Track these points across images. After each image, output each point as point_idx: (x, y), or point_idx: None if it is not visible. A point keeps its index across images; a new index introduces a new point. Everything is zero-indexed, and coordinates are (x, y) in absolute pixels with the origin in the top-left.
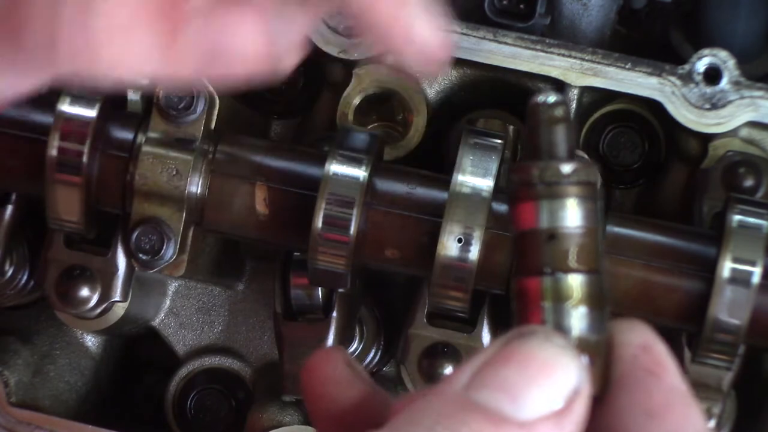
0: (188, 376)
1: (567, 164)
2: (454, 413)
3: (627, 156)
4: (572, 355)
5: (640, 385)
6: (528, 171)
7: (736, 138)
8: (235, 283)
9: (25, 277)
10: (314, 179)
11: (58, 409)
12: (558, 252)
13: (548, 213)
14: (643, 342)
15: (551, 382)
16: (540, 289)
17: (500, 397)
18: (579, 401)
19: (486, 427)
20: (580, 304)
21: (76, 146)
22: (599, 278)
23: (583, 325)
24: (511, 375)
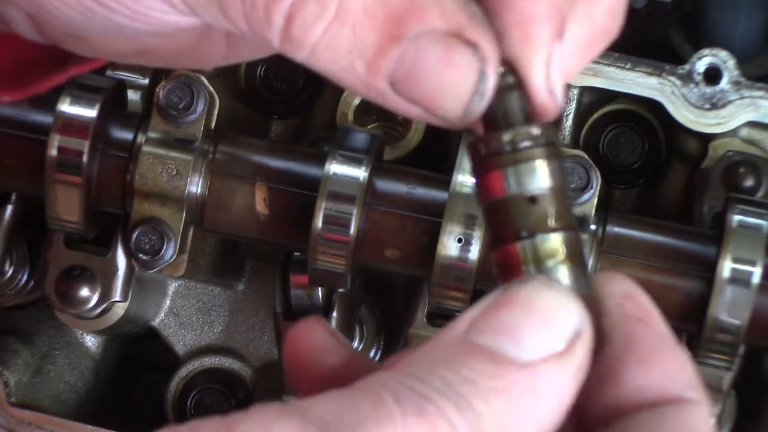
0: (188, 376)
1: (531, 128)
2: (456, 355)
3: (627, 156)
4: (572, 299)
5: (630, 333)
6: (496, 139)
7: (736, 138)
8: (235, 283)
9: (25, 277)
10: (314, 179)
11: (58, 409)
12: (537, 214)
13: (521, 178)
14: (626, 291)
15: (553, 323)
16: (523, 253)
17: (502, 339)
18: (581, 343)
19: (488, 368)
20: (563, 261)
21: (76, 146)
22: (577, 235)
23: (570, 280)
24: (512, 318)
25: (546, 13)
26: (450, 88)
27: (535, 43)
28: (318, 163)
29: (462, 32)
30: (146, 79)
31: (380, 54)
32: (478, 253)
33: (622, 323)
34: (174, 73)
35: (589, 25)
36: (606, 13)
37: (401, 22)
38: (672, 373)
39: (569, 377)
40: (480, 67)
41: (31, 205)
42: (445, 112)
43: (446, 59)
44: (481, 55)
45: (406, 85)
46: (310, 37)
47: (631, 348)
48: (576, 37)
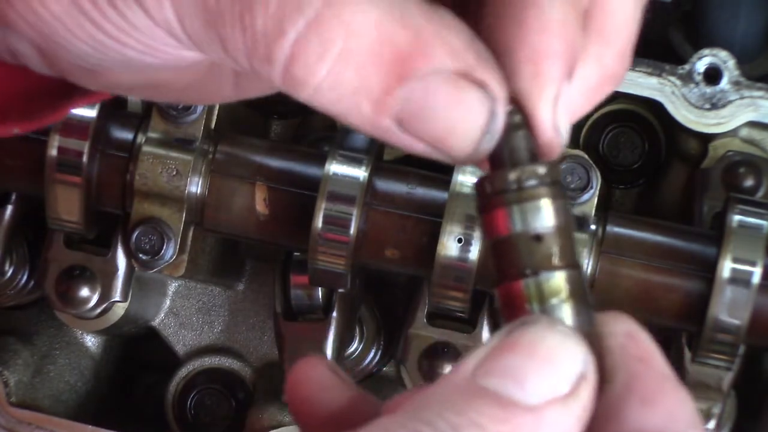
0: (188, 376)
1: (538, 166)
2: (462, 399)
3: (627, 156)
4: (576, 341)
5: (632, 373)
6: (502, 178)
7: (736, 138)
8: (235, 283)
9: (25, 277)
10: (314, 179)
11: (58, 409)
12: (541, 252)
13: (527, 216)
14: (627, 331)
15: (557, 367)
16: (527, 291)
17: (507, 382)
18: (585, 385)
19: (494, 411)
20: (567, 299)
21: (76, 146)
22: (580, 273)
23: (573, 319)
24: (517, 361)
25: (559, 51)
26: (459, 127)
27: (545, 80)
28: (318, 163)
29: (470, 72)
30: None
31: (387, 94)
32: (478, 253)
33: (625, 363)
34: None
35: (599, 68)
36: (616, 57)
37: (408, 61)
38: (674, 412)
39: (574, 419)
40: (490, 107)
41: (31, 205)
42: (454, 151)
43: (455, 99)
44: (490, 94)
45: (414, 124)
46: (313, 78)
47: (634, 388)
48: (585, 79)
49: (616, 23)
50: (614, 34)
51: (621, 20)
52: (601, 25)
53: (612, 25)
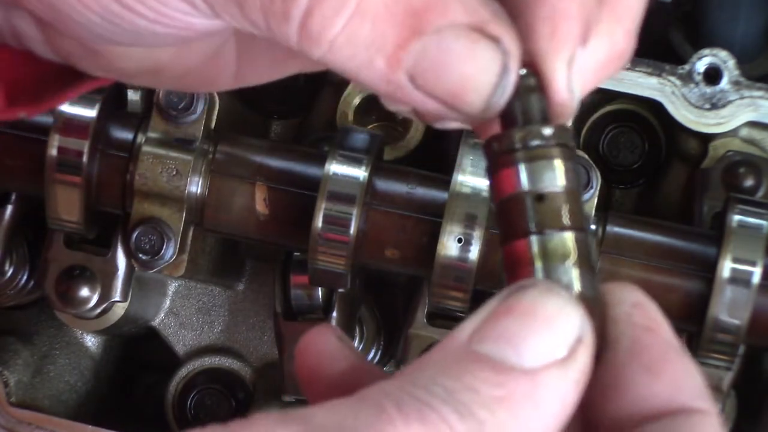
0: (188, 376)
1: (547, 127)
2: (458, 364)
3: (627, 156)
4: (574, 305)
5: (638, 342)
6: (510, 137)
7: (736, 138)
8: (235, 283)
9: (25, 277)
10: (314, 179)
11: (58, 409)
12: (549, 211)
13: (535, 175)
14: (635, 300)
15: (554, 330)
16: (531, 249)
17: (503, 347)
18: (582, 349)
19: (490, 376)
20: (573, 261)
21: (76, 146)
22: (587, 237)
23: (578, 282)
24: (514, 325)
25: (576, 14)
26: (472, 81)
27: (562, 40)
28: (318, 163)
29: (484, 26)
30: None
31: (401, 48)
32: (478, 253)
33: (630, 331)
34: None
35: (609, 43)
36: (626, 34)
37: (423, 16)
38: (680, 382)
39: (572, 383)
40: (503, 61)
41: (31, 205)
42: (466, 106)
43: (469, 53)
44: (503, 48)
45: (427, 79)
46: (329, 32)
47: (639, 356)
48: (596, 52)
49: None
50: (625, 11)
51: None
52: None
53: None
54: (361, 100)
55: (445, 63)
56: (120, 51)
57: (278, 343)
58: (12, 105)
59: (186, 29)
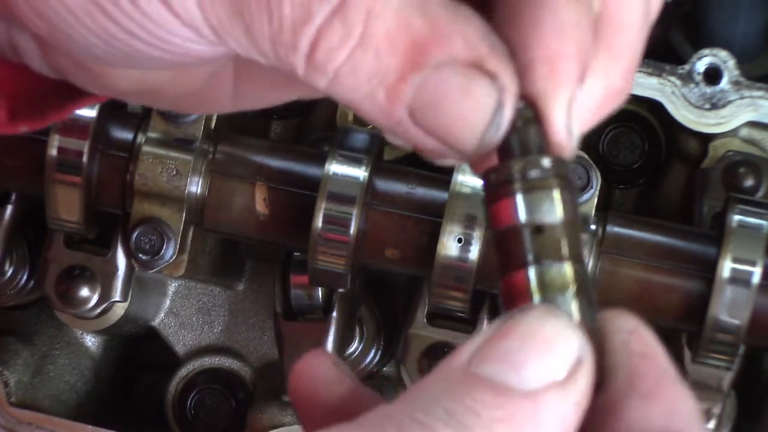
0: (188, 376)
1: (546, 158)
2: (458, 386)
3: (627, 156)
4: (573, 327)
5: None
6: (508, 168)
7: (736, 138)
8: (235, 283)
9: (25, 277)
10: (314, 179)
11: (58, 409)
12: (547, 243)
13: (533, 206)
14: (630, 328)
15: (554, 352)
16: (529, 281)
17: (503, 368)
18: (582, 372)
19: (490, 398)
20: (572, 292)
21: (76, 146)
22: (585, 269)
23: (577, 312)
24: (513, 347)
25: (573, 55)
26: (467, 118)
27: (561, 80)
28: (318, 163)
29: (482, 62)
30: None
31: (401, 80)
32: (478, 253)
33: (626, 358)
34: None
35: (605, 82)
36: (622, 74)
37: (424, 49)
38: (675, 408)
39: (571, 405)
40: (498, 98)
41: (31, 205)
42: (460, 143)
43: (464, 90)
44: (499, 85)
45: (425, 114)
46: (334, 62)
47: (635, 383)
48: (592, 92)
49: (625, 39)
50: (622, 50)
51: (630, 37)
52: (611, 39)
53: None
54: None
55: (442, 99)
56: (116, 71)
57: (278, 343)
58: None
59: (185, 55)
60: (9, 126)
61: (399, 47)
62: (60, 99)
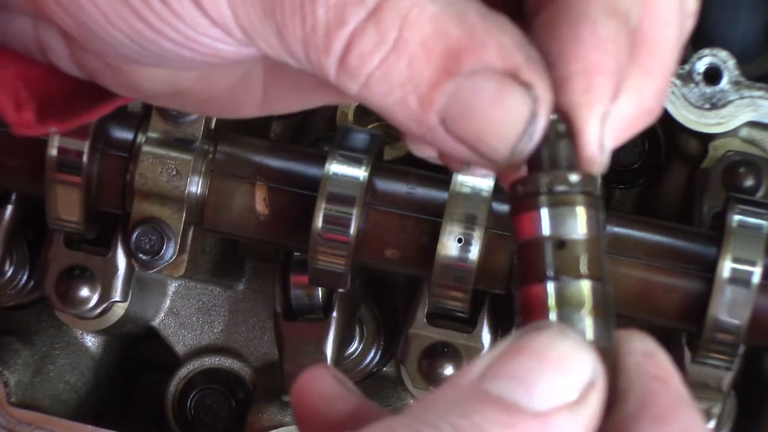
0: (188, 376)
1: (573, 174)
2: (468, 403)
3: (627, 156)
4: (587, 348)
5: (648, 392)
6: (535, 180)
7: (736, 138)
8: (235, 283)
9: (25, 277)
10: (314, 179)
11: (58, 409)
12: (568, 259)
13: (557, 220)
14: (646, 350)
15: (566, 373)
16: (547, 295)
17: (514, 387)
18: (594, 394)
19: (500, 417)
20: (588, 311)
21: (76, 146)
22: (605, 287)
23: (591, 331)
24: (526, 366)
25: (610, 70)
26: (500, 127)
27: (597, 95)
28: (318, 163)
29: (517, 72)
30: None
31: (434, 88)
32: (478, 253)
33: (640, 381)
34: None
35: (638, 99)
36: (655, 92)
37: (458, 57)
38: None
39: (581, 428)
40: (532, 108)
41: (31, 205)
42: (492, 152)
43: (498, 98)
44: (534, 95)
45: (457, 122)
46: (367, 67)
47: (648, 406)
48: (625, 108)
49: (660, 58)
50: (657, 68)
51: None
52: (646, 57)
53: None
54: None
55: (475, 107)
56: (143, 71)
57: (278, 343)
58: (42, 120)
59: (215, 55)
60: (38, 127)
61: (433, 55)
62: (88, 101)
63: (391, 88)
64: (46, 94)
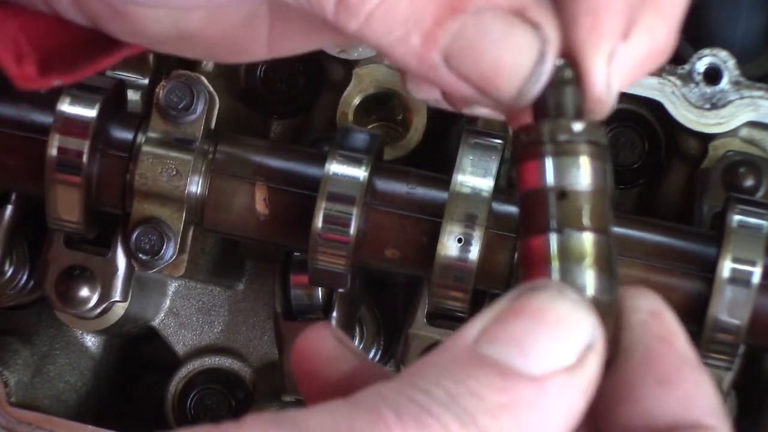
0: (188, 376)
1: (578, 122)
2: (463, 367)
3: (627, 156)
4: (586, 310)
5: (652, 352)
6: (538, 129)
7: (736, 138)
8: (235, 283)
9: (25, 277)
10: (314, 179)
11: (58, 409)
12: (570, 210)
13: (559, 170)
14: (652, 309)
15: (563, 336)
16: (549, 247)
17: (510, 351)
18: (592, 357)
19: (496, 382)
20: (590, 263)
21: (76, 146)
22: (609, 240)
23: (593, 284)
24: (522, 329)
25: (619, 9)
26: (507, 66)
27: (603, 34)
28: (318, 163)
29: (525, 11)
30: (146, 79)
31: (438, 26)
32: (478, 253)
33: (645, 341)
34: (174, 73)
35: (651, 39)
36: (667, 32)
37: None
38: (693, 396)
39: (579, 392)
40: (541, 48)
41: (31, 205)
42: (498, 91)
43: (506, 36)
44: (543, 35)
45: (462, 60)
46: (367, 5)
47: (652, 367)
48: (636, 48)
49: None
50: (669, 8)
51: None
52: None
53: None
54: (361, 100)
55: (481, 45)
56: (148, 13)
57: (278, 343)
58: (46, 73)
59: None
60: (41, 80)
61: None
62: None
63: (393, 25)
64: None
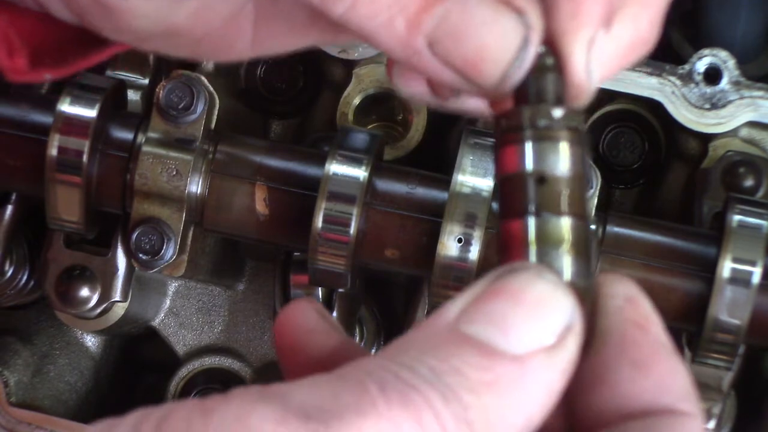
0: (188, 376)
1: (558, 109)
2: (444, 345)
3: (627, 156)
4: (564, 292)
5: (627, 337)
6: (518, 114)
7: (736, 138)
8: (235, 283)
9: (25, 277)
10: (314, 179)
11: (58, 409)
12: (549, 195)
13: (539, 155)
14: (628, 295)
15: (543, 316)
16: (527, 231)
17: (491, 330)
18: (571, 338)
19: (477, 359)
20: (568, 248)
21: (76, 146)
22: (586, 226)
23: (570, 269)
24: (503, 309)
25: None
26: (491, 51)
27: (583, 21)
28: (318, 163)
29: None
30: (146, 79)
31: (423, 10)
32: (478, 253)
33: (620, 326)
34: (174, 73)
35: (633, 29)
36: (650, 21)
37: None
38: (667, 382)
39: (558, 372)
40: (524, 34)
41: (31, 205)
42: (481, 77)
43: (491, 22)
44: (526, 21)
45: (446, 46)
46: None
47: (627, 352)
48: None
49: None
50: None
51: None
52: None
53: None
54: (361, 100)
55: (466, 30)
56: (134, 8)
57: None
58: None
59: None
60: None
61: None
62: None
63: (377, 10)
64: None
